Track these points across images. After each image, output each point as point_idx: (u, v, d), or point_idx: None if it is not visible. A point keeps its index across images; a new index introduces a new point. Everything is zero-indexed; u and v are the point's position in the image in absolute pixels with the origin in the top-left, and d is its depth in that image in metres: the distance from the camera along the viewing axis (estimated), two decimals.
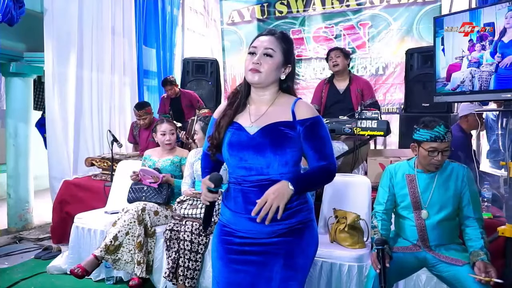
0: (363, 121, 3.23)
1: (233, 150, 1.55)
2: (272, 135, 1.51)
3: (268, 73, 1.53)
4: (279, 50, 1.54)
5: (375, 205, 2.36)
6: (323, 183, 1.64)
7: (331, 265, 2.55)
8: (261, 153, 1.50)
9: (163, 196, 3.14)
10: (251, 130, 1.55)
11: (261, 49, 1.53)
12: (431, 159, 2.15)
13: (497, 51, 2.48)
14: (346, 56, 4.00)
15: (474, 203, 2.18)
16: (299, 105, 1.56)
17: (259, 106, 1.59)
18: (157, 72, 5.94)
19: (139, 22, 5.42)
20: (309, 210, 1.59)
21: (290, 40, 1.61)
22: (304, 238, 1.56)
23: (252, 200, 1.48)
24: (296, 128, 1.53)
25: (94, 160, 4.08)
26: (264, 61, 1.52)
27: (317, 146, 1.53)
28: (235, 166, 1.56)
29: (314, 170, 1.54)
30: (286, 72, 1.58)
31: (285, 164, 1.51)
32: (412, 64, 4.26)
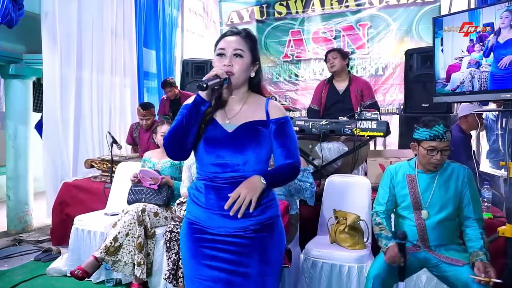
0: (362, 122, 3.23)
1: (210, 147, 1.56)
2: (251, 133, 1.56)
3: (240, 73, 1.56)
4: (247, 50, 1.58)
5: (375, 205, 2.36)
6: (289, 179, 1.69)
7: (331, 266, 2.54)
8: (240, 150, 1.54)
9: (163, 197, 3.14)
10: (229, 127, 1.57)
11: (230, 50, 1.56)
12: (430, 158, 2.15)
13: (493, 51, 2.49)
14: (344, 56, 3.99)
15: (474, 203, 2.18)
16: (272, 105, 1.63)
17: (232, 105, 1.62)
18: (157, 74, 5.94)
19: (139, 24, 5.43)
20: (276, 207, 1.65)
21: (255, 37, 1.65)
22: (275, 233, 1.61)
23: (226, 197, 1.50)
24: (269, 127, 1.59)
25: (94, 162, 4.08)
26: (235, 62, 1.55)
27: (286, 144, 1.59)
28: (209, 163, 1.56)
29: (282, 166, 1.58)
30: (255, 69, 1.62)
31: (260, 161, 1.57)
32: (411, 64, 4.25)
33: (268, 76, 6.34)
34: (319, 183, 3.16)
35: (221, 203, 1.51)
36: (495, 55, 2.50)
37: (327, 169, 3.50)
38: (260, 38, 6.27)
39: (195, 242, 1.58)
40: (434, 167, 2.18)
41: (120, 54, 5.02)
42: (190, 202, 1.64)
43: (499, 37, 2.47)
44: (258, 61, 1.64)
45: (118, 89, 5.01)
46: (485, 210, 2.72)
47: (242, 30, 1.62)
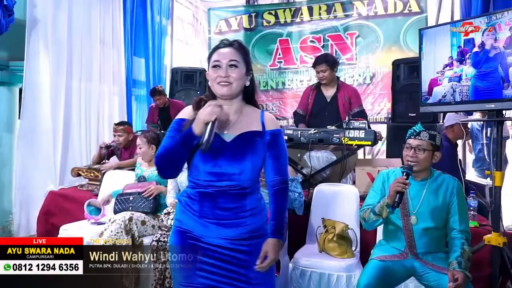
0: (351, 131, 3.25)
1: (208, 156, 1.57)
2: (249, 143, 1.60)
3: (237, 82, 1.59)
4: (241, 60, 1.61)
5: (364, 206, 2.36)
6: (287, 205, 1.78)
7: (319, 275, 2.54)
8: (238, 159, 1.57)
9: (150, 204, 3.10)
10: (227, 137, 1.60)
11: (225, 62, 1.58)
12: (406, 155, 2.23)
13: (476, 63, 2.57)
14: (333, 66, 3.86)
15: (460, 215, 2.21)
16: (267, 117, 1.68)
17: (229, 115, 1.64)
18: (145, 82, 5.92)
19: (129, 32, 5.42)
20: (265, 210, 1.70)
21: (247, 48, 1.69)
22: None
23: (221, 205, 1.56)
24: (264, 137, 1.63)
25: (81, 171, 4.04)
26: (231, 72, 1.58)
27: (277, 155, 1.64)
28: (205, 171, 1.58)
29: (278, 206, 1.65)
30: (249, 79, 1.66)
31: (254, 170, 1.61)
32: (398, 74, 4.31)
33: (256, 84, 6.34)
34: (308, 192, 3.16)
35: (216, 211, 1.56)
36: (479, 69, 2.58)
37: (315, 178, 3.51)
38: (247, 46, 6.28)
39: (189, 250, 1.60)
40: (407, 162, 2.22)
41: (108, 62, 4.99)
42: (181, 210, 1.64)
43: (489, 53, 2.55)
44: (251, 71, 1.67)
45: (107, 97, 4.98)
46: (471, 219, 2.75)
47: (234, 42, 1.65)
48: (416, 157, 2.21)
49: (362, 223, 2.37)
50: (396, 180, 2.13)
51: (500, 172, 2.56)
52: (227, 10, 6.56)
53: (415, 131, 2.24)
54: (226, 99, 1.62)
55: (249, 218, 1.59)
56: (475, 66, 2.59)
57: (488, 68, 2.53)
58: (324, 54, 4.22)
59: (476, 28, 2.57)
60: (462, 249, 2.11)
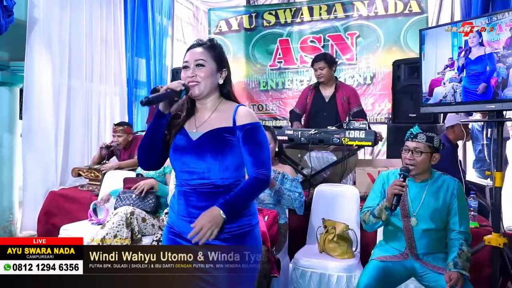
0: (351, 131, 3.25)
1: (176, 154, 1.61)
2: (213, 140, 1.58)
3: (205, 81, 1.59)
4: (210, 59, 1.61)
5: (364, 208, 2.37)
6: (256, 195, 1.68)
7: (320, 275, 2.55)
8: (201, 157, 1.56)
9: (150, 204, 3.11)
10: (194, 135, 1.61)
11: (192, 62, 1.60)
12: (404, 157, 2.24)
13: (465, 67, 2.61)
14: (331, 65, 3.88)
15: (461, 216, 2.20)
16: (239, 111, 1.62)
17: (202, 113, 1.66)
18: (146, 82, 5.91)
19: (130, 32, 5.41)
20: (250, 216, 1.63)
21: (219, 46, 1.68)
22: (246, 243, 1.59)
23: (194, 203, 1.57)
24: (236, 134, 1.59)
25: (81, 171, 4.04)
26: (198, 72, 1.59)
27: (254, 151, 1.58)
28: (179, 170, 1.62)
29: (243, 188, 1.57)
30: (223, 76, 1.65)
31: (226, 169, 1.57)
32: (399, 75, 4.29)
33: (255, 84, 6.35)
34: (308, 192, 3.17)
35: (189, 209, 1.57)
36: (467, 71, 2.60)
37: (316, 178, 3.51)
38: (247, 46, 6.30)
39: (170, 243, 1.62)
40: (405, 165, 2.22)
41: (109, 63, 4.99)
42: (169, 209, 1.70)
43: (470, 55, 2.59)
44: (226, 68, 1.66)
45: (107, 98, 4.98)
46: (472, 219, 2.75)
47: (206, 41, 1.66)
48: (413, 159, 2.21)
49: (362, 225, 2.37)
50: (393, 183, 2.13)
51: (500, 172, 2.56)
52: (227, 10, 6.56)
53: (412, 134, 2.24)
54: (198, 99, 1.64)
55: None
56: (458, 69, 2.63)
57: (472, 71, 2.56)
58: (323, 53, 4.24)
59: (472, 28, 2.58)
60: (460, 250, 2.11)
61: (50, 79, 4.18)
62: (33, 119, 4.10)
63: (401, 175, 2.16)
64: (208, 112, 1.65)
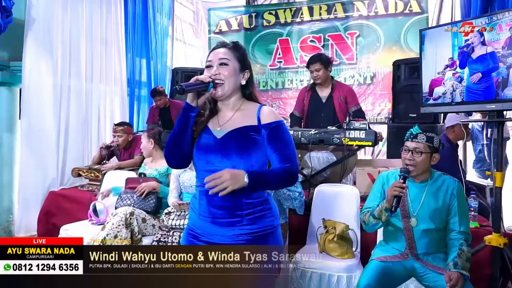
0: (351, 131, 3.25)
1: (200, 153, 1.60)
2: (239, 139, 1.57)
3: (227, 80, 1.59)
4: (233, 58, 1.62)
5: (365, 209, 2.37)
6: (283, 184, 1.67)
7: (320, 275, 2.54)
8: (227, 156, 1.56)
9: (151, 205, 3.11)
10: (219, 134, 1.60)
11: (216, 61, 1.61)
12: (404, 157, 2.23)
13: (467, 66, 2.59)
14: (327, 66, 3.82)
15: (461, 216, 2.20)
16: (263, 110, 1.63)
17: (224, 112, 1.65)
18: (147, 82, 5.92)
19: (131, 32, 5.42)
20: (273, 217, 1.63)
21: (242, 47, 1.69)
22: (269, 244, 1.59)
23: (216, 203, 1.55)
24: (261, 132, 1.60)
25: (81, 171, 4.04)
26: (221, 70, 1.59)
27: (280, 149, 1.58)
28: (201, 169, 1.60)
29: (275, 170, 1.57)
30: (245, 77, 1.65)
31: (250, 167, 1.55)
32: (399, 75, 4.30)
33: (255, 84, 6.33)
34: (308, 192, 3.16)
35: (212, 209, 1.55)
36: (470, 70, 2.59)
37: (316, 179, 3.51)
38: (247, 46, 6.30)
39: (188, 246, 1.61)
40: (405, 165, 2.22)
41: (109, 63, 4.99)
42: (190, 210, 1.68)
43: (472, 54, 2.57)
44: (248, 69, 1.66)
45: (108, 98, 4.98)
46: (472, 220, 2.75)
47: (230, 43, 1.68)
48: (413, 160, 2.20)
49: (362, 225, 2.37)
50: (393, 184, 2.13)
51: (500, 172, 2.56)
52: (227, 10, 6.57)
53: (412, 134, 2.24)
54: (221, 100, 1.64)
55: (246, 219, 1.55)
56: (461, 67, 2.62)
57: (475, 70, 2.55)
58: (318, 54, 4.16)
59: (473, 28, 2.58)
60: (460, 250, 2.11)
61: (49, 79, 4.18)
62: (32, 119, 4.10)
63: (401, 176, 2.15)
64: (231, 111, 1.64)
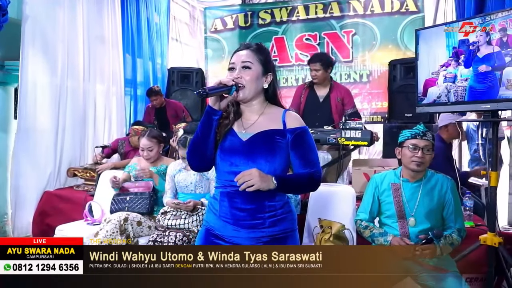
0: (347, 131, 3.26)
1: (225, 155, 1.59)
2: (265, 142, 1.58)
3: (250, 84, 1.58)
4: (256, 62, 1.61)
5: (359, 212, 2.39)
6: (306, 189, 1.72)
7: None
8: (252, 159, 1.56)
9: (146, 205, 3.10)
10: (244, 136, 1.60)
11: (239, 64, 1.60)
12: (412, 156, 2.22)
13: (472, 66, 2.58)
14: (327, 67, 3.82)
15: (456, 213, 2.24)
16: (289, 115, 1.63)
17: (249, 115, 1.65)
18: (143, 82, 5.89)
19: (127, 32, 5.39)
20: (292, 220, 1.64)
21: (266, 50, 1.68)
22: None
23: (238, 205, 1.55)
24: (286, 137, 1.59)
25: (77, 171, 4.02)
26: (244, 74, 1.58)
27: (305, 154, 1.59)
28: (224, 171, 1.60)
29: (300, 174, 1.59)
30: (268, 80, 1.64)
31: (274, 171, 1.55)
32: (395, 75, 4.32)
33: None
34: None
35: (233, 211, 1.56)
36: (474, 69, 2.58)
37: None
38: None
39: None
40: (417, 165, 2.22)
41: (106, 62, 4.97)
42: (208, 211, 1.68)
43: (478, 53, 2.56)
44: (271, 72, 1.65)
45: (103, 97, 4.95)
46: (467, 219, 2.77)
47: (254, 44, 1.67)
48: (423, 157, 2.21)
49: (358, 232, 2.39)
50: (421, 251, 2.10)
51: (495, 172, 2.58)
52: (223, 9, 6.56)
53: (422, 132, 2.24)
54: (244, 103, 1.64)
55: (268, 221, 1.56)
56: (466, 66, 2.62)
57: (479, 67, 2.56)
58: (320, 54, 4.14)
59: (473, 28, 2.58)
60: (449, 235, 2.17)
61: (45, 79, 4.15)
62: (27, 119, 4.07)
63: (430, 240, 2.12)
64: (255, 114, 1.64)
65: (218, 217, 1.60)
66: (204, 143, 1.58)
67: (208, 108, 1.55)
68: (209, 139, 1.57)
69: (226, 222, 1.58)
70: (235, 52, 1.65)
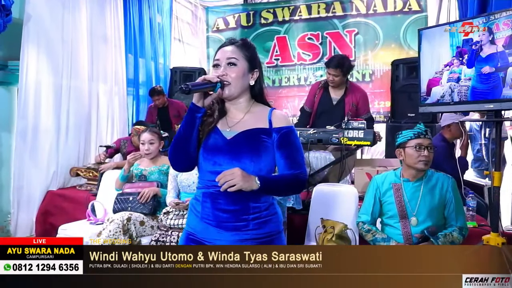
0: (350, 131, 3.25)
1: (208, 154, 1.54)
2: (250, 141, 1.52)
3: (235, 81, 1.53)
4: (242, 58, 1.55)
5: (361, 214, 2.39)
6: (291, 190, 1.66)
7: None
8: (237, 158, 1.50)
9: (149, 206, 3.10)
10: (228, 134, 1.54)
11: (224, 60, 1.54)
12: (419, 155, 2.21)
13: (475, 66, 2.55)
14: (346, 73, 3.66)
15: (457, 212, 2.23)
16: (275, 114, 1.59)
17: (234, 113, 1.59)
18: (145, 82, 5.90)
19: (130, 32, 5.40)
20: (278, 222, 1.59)
21: (251, 45, 1.62)
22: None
23: (221, 206, 1.49)
24: (272, 136, 1.55)
25: (80, 170, 4.03)
26: (229, 71, 1.53)
27: (290, 154, 1.54)
28: (207, 171, 1.54)
29: (284, 175, 1.53)
30: (254, 77, 1.59)
31: (259, 172, 1.50)
32: (398, 75, 4.31)
33: None
34: (307, 192, 3.17)
35: (216, 213, 1.49)
36: (477, 69, 2.56)
37: (315, 178, 3.51)
38: None
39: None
40: (424, 164, 2.22)
41: (108, 62, 4.98)
42: (189, 212, 1.61)
43: (481, 52, 2.54)
44: (257, 69, 1.60)
45: (106, 97, 4.97)
46: (470, 219, 2.76)
47: (239, 40, 1.61)
48: (429, 156, 2.22)
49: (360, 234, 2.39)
50: None
51: (498, 172, 2.56)
52: (225, 8, 6.58)
53: (425, 131, 2.25)
54: (230, 100, 1.58)
55: (253, 223, 1.50)
56: (468, 66, 2.60)
57: (482, 69, 2.55)
58: (340, 57, 3.82)
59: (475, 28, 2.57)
60: (449, 233, 2.18)
61: (47, 78, 4.16)
62: (29, 119, 4.08)
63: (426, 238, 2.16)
64: (241, 112, 1.59)
65: (200, 219, 1.54)
66: (186, 142, 1.52)
67: (191, 105, 1.50)
68: (191, 138, 1.52)
69: (208, 224, 1.52)
70: (220, 48, 1.58)
